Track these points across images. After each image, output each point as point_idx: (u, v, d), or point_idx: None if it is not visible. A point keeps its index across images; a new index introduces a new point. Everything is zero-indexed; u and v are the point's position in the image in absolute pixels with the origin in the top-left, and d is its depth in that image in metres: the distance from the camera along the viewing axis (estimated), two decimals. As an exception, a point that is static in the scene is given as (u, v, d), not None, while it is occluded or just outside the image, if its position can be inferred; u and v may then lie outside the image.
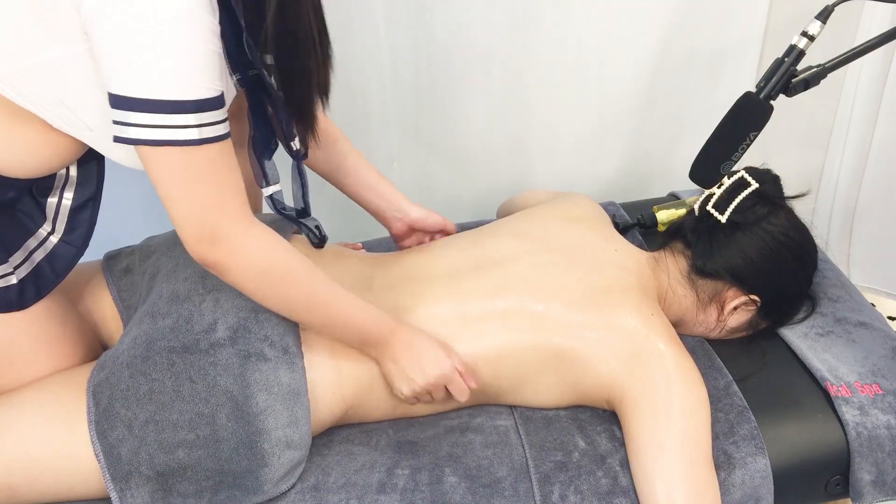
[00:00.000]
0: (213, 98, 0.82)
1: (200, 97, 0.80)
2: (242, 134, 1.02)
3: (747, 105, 0.94)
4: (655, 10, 1.60)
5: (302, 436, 0.95)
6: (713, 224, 1.13)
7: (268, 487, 0.95)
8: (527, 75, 1.64)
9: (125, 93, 0.78)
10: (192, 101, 0.80)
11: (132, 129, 0.79)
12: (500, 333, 1.04)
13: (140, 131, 0.79)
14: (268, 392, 0.94)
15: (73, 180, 1.02)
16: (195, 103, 0.80)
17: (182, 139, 0.80)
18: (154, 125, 0.79)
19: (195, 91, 0.80)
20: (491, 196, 1.65)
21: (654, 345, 1.01)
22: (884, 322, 1.22)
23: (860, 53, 0.95)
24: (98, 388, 0.95)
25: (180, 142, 0.80)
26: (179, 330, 0.97)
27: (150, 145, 0.80)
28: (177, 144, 0.80)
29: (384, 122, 1.66)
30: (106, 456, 0.92)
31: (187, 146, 0.81)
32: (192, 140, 0.80)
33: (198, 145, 0.81)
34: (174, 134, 0.79)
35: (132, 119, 0.79)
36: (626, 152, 1.80)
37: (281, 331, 0.98)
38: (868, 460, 1.04)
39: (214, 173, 0.84)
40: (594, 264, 1.10)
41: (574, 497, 0.97)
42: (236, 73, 0.92)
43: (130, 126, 0.79)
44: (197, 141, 0.81)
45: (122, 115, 0.79)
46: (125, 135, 0.80)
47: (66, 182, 1.02)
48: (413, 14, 1.53)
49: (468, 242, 1.17)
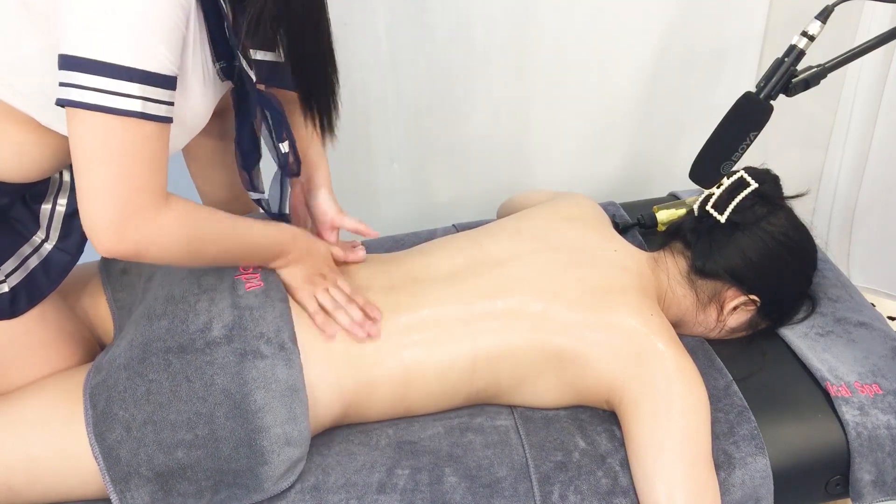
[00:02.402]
0: (164, 75, 0.78)
1: (150, 69, 0.77)
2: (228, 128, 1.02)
3: (747, 105, 0.94)
4: (655, 10, 1.61)
5: (301, 432, 0.95)
6: (713, 224, 1.13)
7: (268, 485, 0.95)
8: (527, 75, 1.64)
9: (72, 52, 0.75)
10: (140, 71, 0.76)
11: (73, 91, 0.75)
12: (500, 333, 1.04)
13: (80, 93, 0.75)
14: (265, 389, 0.94)
15: (66, 186, 1.01)
16: (142, 73, 0.76)
17: (122, 108, 0.76)
18: (95, 88, 0.75)
19: (145, 61, 0.76)
20: (491, 196, 1.65)
21: (654, 345, 1.01)
22: (884, 322, 1.22)
23: (860, 53, 0.95)
24: (95, 391, 0.94)
25: (120, 111, 0.76)
26: (175, 330, 0.97)
27: (87, 109, 0.75)
28: (115, 113, 0.76)
29: (384, 122, 1.66)
30: (105, 458, 0.92)
31: (126, 117, 0.76)
32: (133, 112, 0.76)
33: (138, 118, 0.77)
34: (115, 101, 0.75)
35: (75, 79, 0.75)
36: (626, 152, 1.80)
37: (276, 328, 0.98)
38: (868, 460, 1.04)
39: (147, 152, 0.79)
40: (594, 264, 1.10)
41: (574, 497, 0.97)
42: (220, 61, 0.91)
43: (72, 87, 0.75)
44: (138, 114, 0.77)
45: (67, 75, 0.76)
46: (66, 96, 0.76)
47: (59, 188, 1.01)
48: (413, 14, 1.53)
49: (468, 242, 1.17)
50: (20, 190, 0.95)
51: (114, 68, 0.75)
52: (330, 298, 1.03)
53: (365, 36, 1.53)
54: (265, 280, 1.03)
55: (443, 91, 1.64)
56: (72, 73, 0.76)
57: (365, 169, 1.73)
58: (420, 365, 1.03)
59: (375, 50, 1.55)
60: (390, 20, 1.52)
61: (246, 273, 1.04)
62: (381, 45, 1.55)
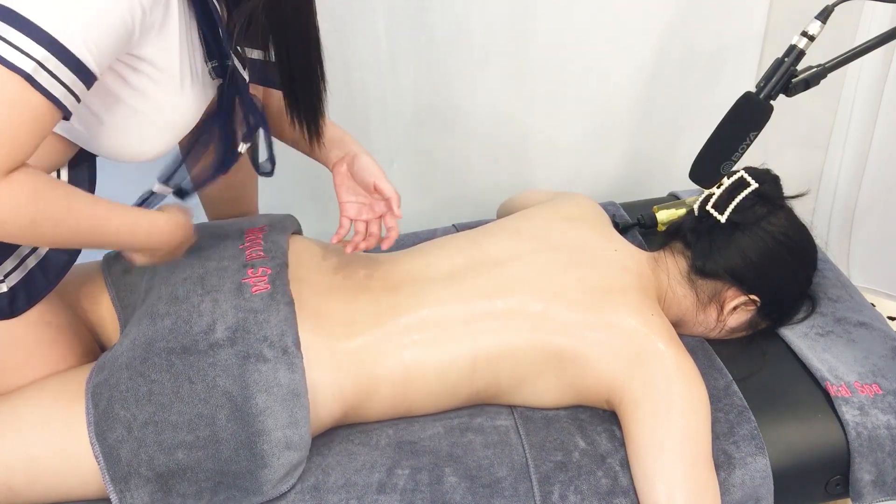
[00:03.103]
0: (76, 57, 0.74)
1: (62, 41, 0.72)
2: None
3: (747, 105, 0.94)
4: (655, 10, 1.61)
5: (302, 436, 0.95)
6: (713, 224, 1.13)
7: (267, 488, 0.95)
8: (527, 75, 1.64)
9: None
10: (50, 36, 0.72)
11: None
12: (500, 333, 1.04)
13: None
14: (267, 393, 0.94)
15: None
16: (51, 40, 0.72)
17: (11, 62, 0.71)
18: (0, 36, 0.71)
19: (60, 31, 0.72)
20: (491, 196, 1.65)
21: (654, 345, 1.01)
22: (884, 322, 1.22)
23: (860, 53, 0.95)
24: (97, 390, 0.94)
25: (8, 63, 0.71)
26: (178, 331, 0.97)
27: None
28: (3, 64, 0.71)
29: (384, 122, 1.66)
30: (105, 457, 0.92)
31: (11, 72, 0.71)
32: (21, 70, 0.71)
33: (23, 80, 0.72)
34: (8, 52, 0.71)
35: None
36: (626, 152, 1.80)
37: (280, 331, 0.98)
38: (868, 460, 1.04)
39: (16, 120, 0.73)
40: (594, 264, 1.10)
41: (574, 497, 0.97)
42: (212, 61, 0.90)
43: None
44: (25, 74, 0.71)
45: None
46: None
47: None
48: (413, 14, 1.53)
49: (468, 242, 1.17)
50: None
51: (21, 20, 0.72)
52: None
53: (365, 36, 1.53)
54: (272, 283, 1.03)
55: (443, 91, 1.64)
56: None
57: (365, 169, 1.73)
58: (420, 365, 1.03)
59: (375, 50, 1.55)
60: (390, 20, 1.52)
61: (255, 276, 1.04)
62: (381, 45, 1.55)
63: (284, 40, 0.91)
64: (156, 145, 0.90)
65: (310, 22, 0.92)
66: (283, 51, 0.93)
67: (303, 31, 0.92)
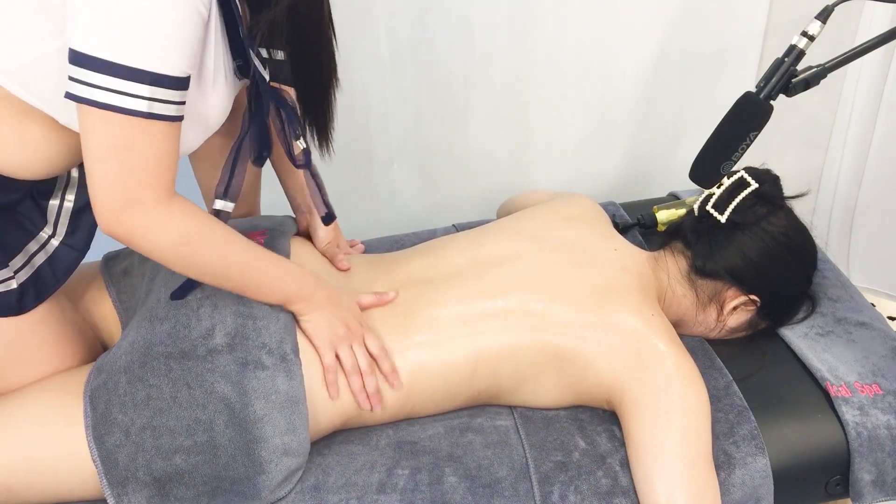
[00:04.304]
0: (175, 77, 0.80)
1: (161, 71, 0.78)
2: (234, 127, 1.02)
3: (747, 105, 0.94)
4: (656, 11, 1.61)
5: (300, 443, 0.95)
6: (713, 224, 1.13)
7: (265, 494, 0.95)
8: (527, 75, 1.64)
9: (84, 49, 0.76)
10: (151, 73, 0.78)
11: (83, 88, 0.77)
12: (501, 333, 1.04)
13: (90, 91, 0.77)
14: (265, 400, 0.93)
15: (74, 182, 1.01)
16: (153, 76, 0.78)
17: (129, 108, 0.78)
18: (105, 87, 0.77)
19: (156, 64, 0.78)
20: (491, 196, 1.65)
21: (655, 345, 1.01)
22: (884, 322, 1.22)
23: (860, 53, 0.94)
24: (95, 393, 0.94)
25: (126, 110, 0.78)
26: (177, 335, 0.97)
27: (95, 107, 0.78)
28: (122, 112, 0.78)
29: (384, 122, 1.66)
30: (103, 461, 0.92)
31: (133, 116, 0.79)
32: (140, 112, 0.79)
33: (145, 118, 0.79)
34: (123, 101, 0.78)
35: (85, 77, 0.77)
36: (626, 152, 1.80)
37: (279, 338, 0.98)
38: (868, 460, 1.04)
39: (151, 149, 0.82)
40: (594, 264, 1.10)
41: (574, 497, 0.97)
42: (238, 59, 0.92)
43: (82, 84, 0.77)
44: (144, 114, 0.79)
45: (77, 71, 0.77)
46: (75, 92, 0.78)
47: (67, 184, 1.01)
48: (413, 14, 1.53)
49: (468, 243, 1.17)
50: (29, 186, 0.96)
51: (123, 69, 0.77)
52: (351, 356, 1.00)
53: (365, 36, 1.53)
54: None
55: (443, 91, 1.64)
56: (81, 70, 0.77)
57: (365, 169, 1.73)
58: (422, 367, 1.03)
59: (375, 50, 1.55)
60: (390, 20, 1.52)
61: None
62: (381, 45, 1.55)
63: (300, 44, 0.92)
64: (185, 141, 0.91)
65: (323, 27, 0.93)
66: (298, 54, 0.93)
67: (318, 37, 0.92)
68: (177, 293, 1.02)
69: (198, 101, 0.89)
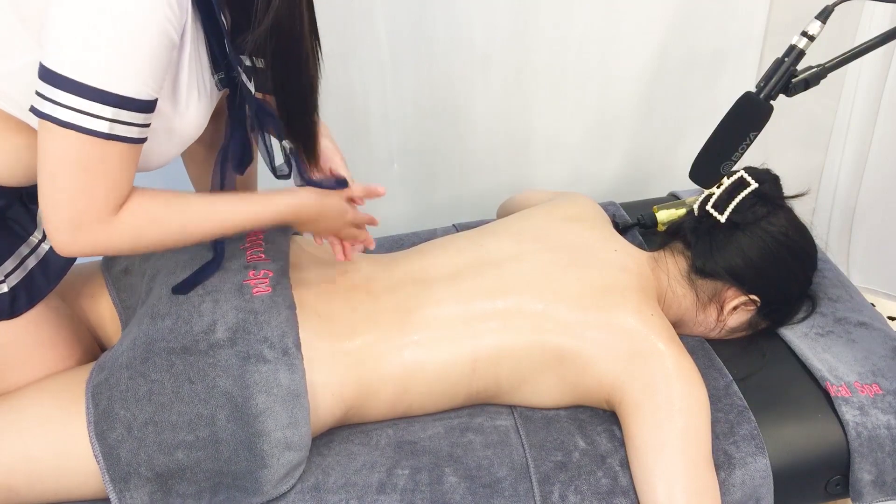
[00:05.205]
0: (140, 100, 0.80)
1: (125, 94, 0.79)
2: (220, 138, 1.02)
3: (747, 105, 0.94)
4: (656, 11, 1.61)
5: (302, 437, 0.95)
6: (713, 224, 1.13)
7: (267, 488, 0.95)
8: (527, 75, 1.64)
9: (53, 67, 0.77)
10: (115, 95, 0.78)
11: (47, 104, 0.78)
12: (501, 333, 1.04)
13: (53, 108, 0.77)
14: (267, 394, 0.94)
15: None
16: (117, 98, 0.78)
17: (89, 128, 0.78)
18: (68, 106, 0.77)
19: (122, 86, 0.78)
20: (491, 196, 1.65)
21: (654, 345, 1.01)
22: (884, 322, 1.22)
23: (860, 53, 0.95)
24: (97, 390, 0.95)
25: (86, 130, 0.78)
26: (179, 331, 0.97)
27: (56, 124, 0.78)
28: (81, 131, 0.78)
29: (384, 122, 1.66)
30: (105, 457, 0.92)
31: (91, 136, 0.79)
32: (100, 132, 0.79)
33: (103, 139, 0.79)
34: (83, 121, 0.78)
35: (51, 94, 0.77)
36: (626, 152, 1.80)
37: (280, 332, 0.98)
38: (868, 460, 1.04)
39: (107, 170, 0.82)
40: (594, 264, 1.10)
41: (574, 497, 0.97)
42: (219, 73, 0.91)
43: (46, 100, 0.78)
44: (104, 135, 0.79)
45: (43, 87, 0.78)
46: (39, 107, 0.78)
47: None
48: (413, 15, 1.53)
49: (468, 243, 1.17)
50: (17, 192, 0.96)
51: (88, 89, 0.77)
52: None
53: (365, 36, 1.53)
54: (274, 287, 1.03)
55: (443, 91, 1.64)
56: (47, 87, 0.77)
57: (365, 169, 1.73)
58: (421, 365, 1.03)
59: (376, 51, 1.55)
60: (390, 20, 1.52)
61: (256, 278, 1.04)
62: (382, 45, 1.55)
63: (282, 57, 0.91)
64: (161, 156, 0.92)
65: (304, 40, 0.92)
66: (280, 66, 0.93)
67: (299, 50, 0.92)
68: (179, 287, 1.02)
69: (174, 117, 0.89)
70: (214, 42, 0.88)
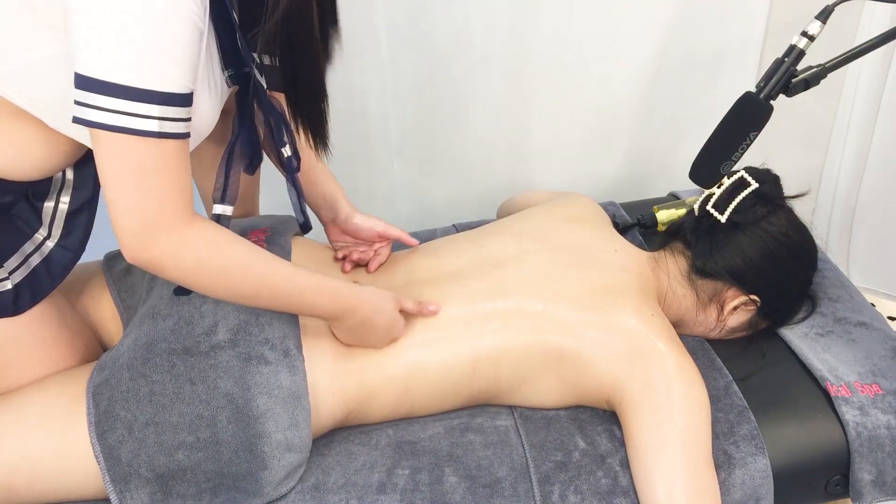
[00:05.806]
0: (181, 94, 0.80)
1: (167, 90, 0.78)
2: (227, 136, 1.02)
3: (747, 105, 0.94)
4: (656, 11, 1.61)
5: (302, 439, 0.95)
6: (713, 224, 1.13)
7: (268, 490, 0.95)
8: (527, 76, 1.64)
9: (90, 73, 0.76)
10: (159, 93, 0.77)
11: (92, 112, 0.77)
12: (501, 333, 1.04)
13: (99, 114, 0.76)
14: (268, 395, 0.94)
15: (69, 183, 1.01)
16: (161, 95, 0.78)
17: (141, 129, 0.77)
18: (114, 110, 0.76)
19: (163, 83, 0.78)
20: (491, 196, 1.65)
21: (654, 345, 1.01)
22: (884, 322, 1.22)
23: (860, 53, 0.95)
24: (98, 390, 0.95)
25: (138, 131, 0.77)
26: (180, 332, 0.97)
27: (106, 130, 0.77)
28: (134, 133, 0.77)
29: (384, 122, 1.66)
30: (105, 458, 0.92)
31: (145, 137, 0.78)
32: (151, 132, 0.78)
33: (156, 138, 0.79)
34: (133, 122, 0.77)
35: (93, 101, 0.76)
36: (626, 152, 1.80)
37: (282, 333, 0.98)
38: (868, 460, 1.04)
39: (166, 169, 0.81)
40: (594, 264, 1.10)
41: (574, 497, 0.97)
42: (229, 69, 0.91)
43: (90, 108, 0.77)
44: (156, 134, 0.78)
45: (84, 95, 0.77)
46: (84, 116, 0.77)
47: (62, 185, 1.01)
48: (414, 15, 1.53)
49: (468, 243, 1.17)
50: (24, 188, 0.96)
51: (131, 91, 0.76)
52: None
53: (365, 36, 1.53)
54: None
55: (443, 91, 1.64)
56: (88, 94, 0.76)
57: (365, 169, 1.73)
58: (421, 366, 1.03)
59: (375, 51, 1.55)
60: (390, 20, 1.52)
61: None
62: (382, 45, 1.55)
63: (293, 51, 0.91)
64: None
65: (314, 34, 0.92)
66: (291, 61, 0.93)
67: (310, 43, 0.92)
68: (180, 289, 1.02)
69: None
70: (226, 38, 0.88)
